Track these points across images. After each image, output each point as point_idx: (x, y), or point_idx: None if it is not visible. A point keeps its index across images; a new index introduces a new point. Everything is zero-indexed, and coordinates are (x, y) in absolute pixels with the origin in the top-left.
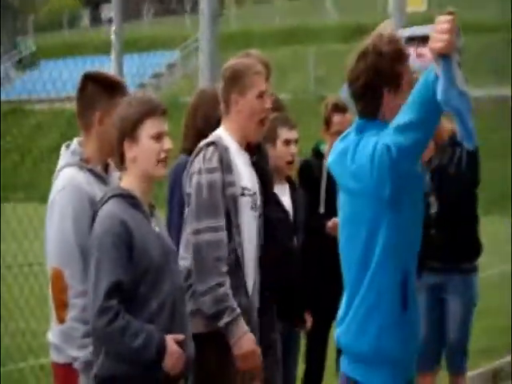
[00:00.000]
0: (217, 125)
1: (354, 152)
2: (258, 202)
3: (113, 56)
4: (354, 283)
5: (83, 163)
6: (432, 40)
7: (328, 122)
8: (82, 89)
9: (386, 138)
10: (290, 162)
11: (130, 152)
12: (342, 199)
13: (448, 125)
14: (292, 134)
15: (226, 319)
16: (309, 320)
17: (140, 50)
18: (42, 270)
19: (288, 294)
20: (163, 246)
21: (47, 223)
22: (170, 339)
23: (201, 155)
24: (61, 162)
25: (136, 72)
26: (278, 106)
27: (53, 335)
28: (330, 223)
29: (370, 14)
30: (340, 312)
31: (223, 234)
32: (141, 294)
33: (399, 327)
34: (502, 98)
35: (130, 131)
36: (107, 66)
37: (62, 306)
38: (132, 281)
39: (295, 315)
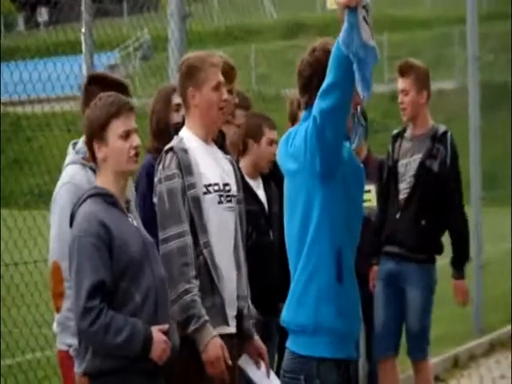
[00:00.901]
0: (170, 123)
1: (293, 136)
2: (233, 192)
3: (83, 56)
4: (294, 260)
5: (85, 161)
6: None
7: (293, 119)
8: (85, 89)
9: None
10: (270, 161)
11: (100, 152)
12: (285, 184)
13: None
14: (274, 134)
15: (192, 326)
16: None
17: (79, 52)
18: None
19: (265, 284)
20: (142, 240)
21: (50, 218)
22: (156, 329)
23: (161, 164)
24: (66, 160)
25: (78, 73)
26: (246, 104)
27: (55, 325)
28: None
29: (308, 12)
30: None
31: (188, 239)
32: (123, 288)
33: (336, 299)
34: (437, 91)
35: (97, 132)
36: (51, 69)
37: (59, 296)
38: (114, 277)
39: (271, 308)
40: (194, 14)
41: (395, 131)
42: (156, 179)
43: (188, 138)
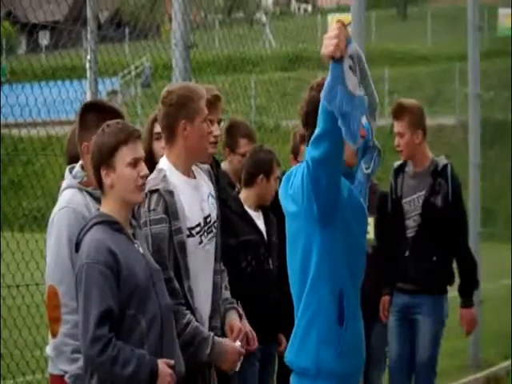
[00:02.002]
0: (153, 152)
1: (294, 177)
2: (213, 218)
3: (88, 82)
4: (296, 301)
5: (82, 186)
6: (323, 46)
7: (296, 152)
8: (81, 116)
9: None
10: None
11: (107, 179)
12: (286, 224)
13: (428, 153)
14: (280, 172)
15: (207, 350)
16: (284, 342)
17: (80, 77)
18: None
19: (264, 312)
20: (148, 266)
21: (47, 242)
22: (162, 362)
23: (146, 205)
24: (63, 184)
25: (77, 98)
26: (249, 133)
27: (49, 348)
28: None
29: (308, 44)
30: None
31: (175, 283)
32: (130, 315)
33: (337, 342)
34: (436, 127)
35: (106, 159)
36: (49, 93)
37: (55, 321)
38: (121, 304)
39: (271, 337)
40: (198, 44)
41: (397, 163)
42: (142, 221)
43: (170, 171)
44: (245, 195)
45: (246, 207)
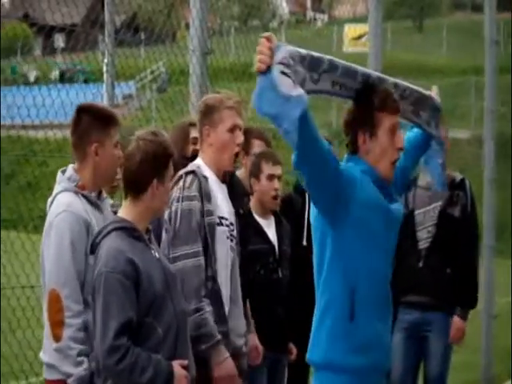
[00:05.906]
0: (186, 156)
1: None
2: (235, 233)
3: (105, 85)
4: (317, 298)
5: (79, 189)
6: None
7: None
8: (77, 120)
9: None
10: (275, 197)
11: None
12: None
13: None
14: (275, 170)
15: (204, 345)
16: (294, 350)
17: (96, 81)
18: None
19: (273, 321)
20: (164, 273)
21: (44, 246)
22: (177, 365)
23: (180, 183)
24: (57, 186)
25: (94, 101)
26: (265, 137)
27: (45, 353)
28: None
29: (323, 53)
30: None
31: (201, 259)
32: (147, 322)
33: (347, 337)
34: (451, 141)
35: (160, 171)
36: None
37: (58, 324)
38: (139, 313)
39: (280, 345)
40: (214, 51)
41: None
42: (173, 197)
43: (204, 168)
44: (251, 204)
45: (256, 216)
